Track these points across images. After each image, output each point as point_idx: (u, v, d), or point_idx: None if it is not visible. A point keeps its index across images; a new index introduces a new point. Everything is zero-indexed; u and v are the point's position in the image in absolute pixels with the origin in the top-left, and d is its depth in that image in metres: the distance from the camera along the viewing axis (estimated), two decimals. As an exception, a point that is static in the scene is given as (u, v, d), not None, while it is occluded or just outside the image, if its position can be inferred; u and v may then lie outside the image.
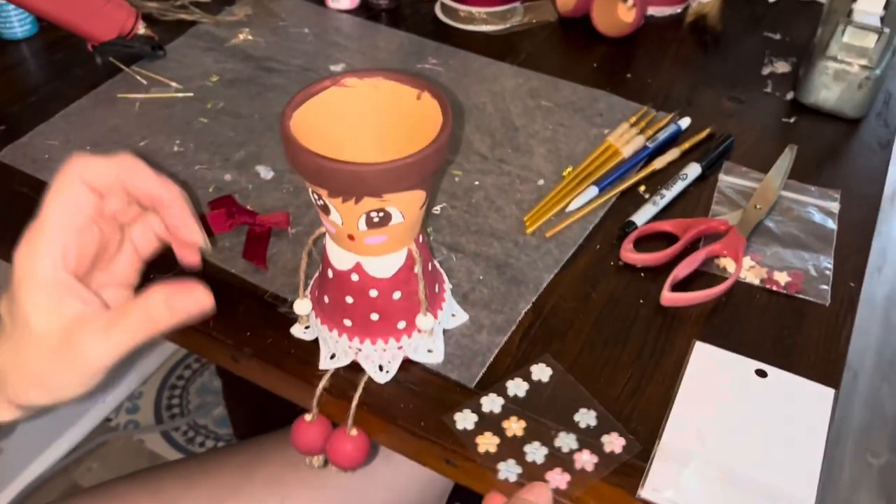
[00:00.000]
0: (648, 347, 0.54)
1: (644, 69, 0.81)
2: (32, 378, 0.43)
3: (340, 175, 0.41)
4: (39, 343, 0.42)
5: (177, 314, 0.42)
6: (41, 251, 0.42)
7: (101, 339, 0.42)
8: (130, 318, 0.42)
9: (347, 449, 0.50)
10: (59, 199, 0.43)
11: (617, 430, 0.49)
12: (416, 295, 0.50)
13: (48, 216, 0.43)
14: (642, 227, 0.61)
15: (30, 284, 0.42)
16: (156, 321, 0.42)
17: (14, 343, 0.43)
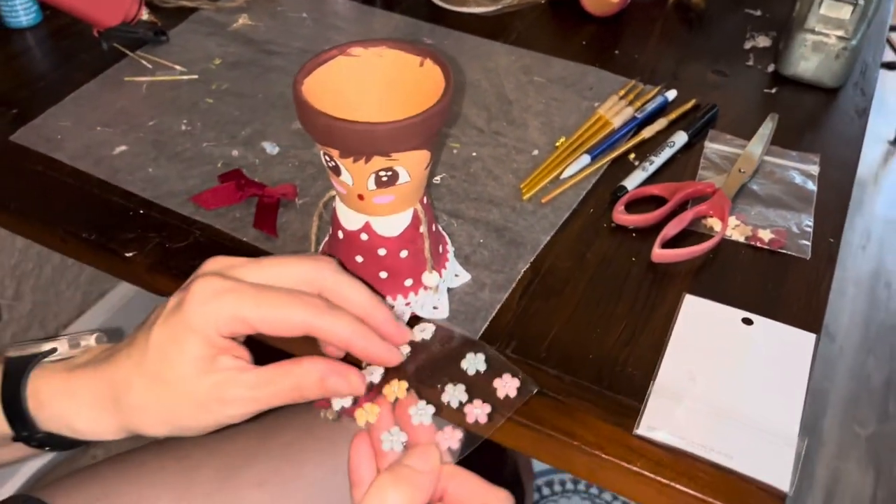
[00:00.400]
0: (640, 301, 0.57)
1: (631, 46, 0.84)
2: (165, 415, 0.44)
3: (351, 134, 0.44)
4: (184, 394, 0.44)
5: (327, 392, 0.45)
6: (223, 321, 0.43)
7: (246, 398, 0.44)
8: (281, 385, 0.44)
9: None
10: (276, 301, 0.43)
11: (509, 370, 0.48)
12: (422, 253, 0.53)
13: (256, 306, 0.43)
14: (633, 191, 0.65)
15: (198, 339, 0.43)
16: (304, 393, 0.44)
17: (154, 379, 0.44)
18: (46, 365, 0.49)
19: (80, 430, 0.47)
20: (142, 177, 0.66)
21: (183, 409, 0.45)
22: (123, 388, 0.45)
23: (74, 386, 0.47)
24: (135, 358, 0.45)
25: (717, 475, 0.47)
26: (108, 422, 0.46)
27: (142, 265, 0.59)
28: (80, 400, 0.46)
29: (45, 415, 0.47)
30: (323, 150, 0.47)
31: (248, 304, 0.43)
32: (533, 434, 0.49)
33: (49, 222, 0.62)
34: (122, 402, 0.45)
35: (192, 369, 0.43)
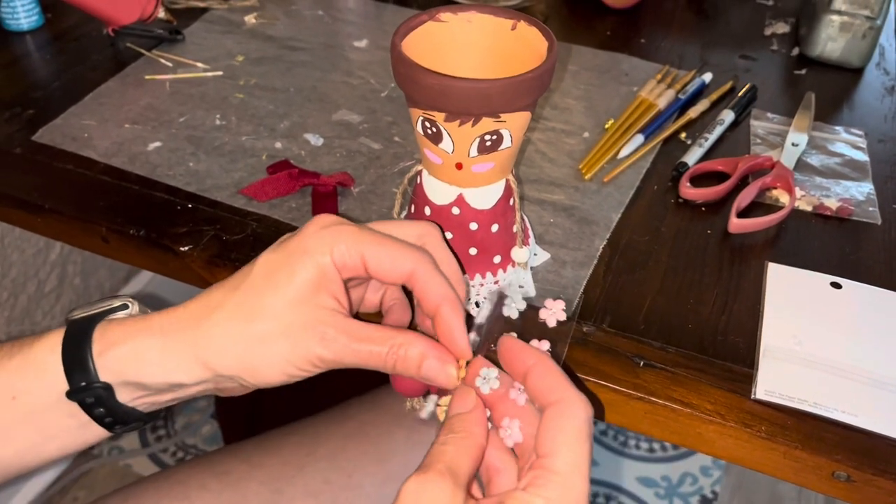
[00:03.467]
0: (725, 271, 0.56)
1: (655, 35, 0.84)
2: (246, 342, 0.41)
3: (465, 92, 0.42)
4: (282, 310, 0.40)
5: (422, 373, 0.41)
6: (337, 250, 0.41)
7: (341, 344, 0.40)
8: (380, 346, 0.41)
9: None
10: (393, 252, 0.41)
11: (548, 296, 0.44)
12: (512, 227, 0.51)
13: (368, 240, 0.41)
14: (693, 168, 0.64)
15: (311, 262, 0.40)
16: (399, 365, 0.41)
17: (250, 299, 0.41)
18: (116, 318, 0.44)
19: (148, 363, 0.42)
20: (183, 171, 0.62)
21: (270, 342, 0.40)
22: (209, 312, 0.41)
23: (152, 322, 0.42)
24: (233, 283, 0.42)
25: (844, 435, 0.45)
26: (181, 356, 0.41)
27: (199, 259, 0.56)
28: (153, 334, 0.42)
29: (110, 356, 0.42)
30: (423, 117, 0.45)
31: (366, 238, 0.41)
32: (648, 407, 0.47)
33: (89, 221, 0.58)
34: (203, 325, 0.41)
35: (296, 294, 0.40)
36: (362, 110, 0.70)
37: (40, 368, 0.43)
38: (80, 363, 0.42)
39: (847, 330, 0.51)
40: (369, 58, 0.78)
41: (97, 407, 0.43)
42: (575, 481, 0.35)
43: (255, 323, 0.40)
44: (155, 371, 0.42)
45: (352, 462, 0.69)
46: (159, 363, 0.42)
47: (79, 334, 0.43)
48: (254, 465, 0.68)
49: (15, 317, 1.28)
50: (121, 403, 0.44)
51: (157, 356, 0.42)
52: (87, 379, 0.42)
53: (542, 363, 0.38)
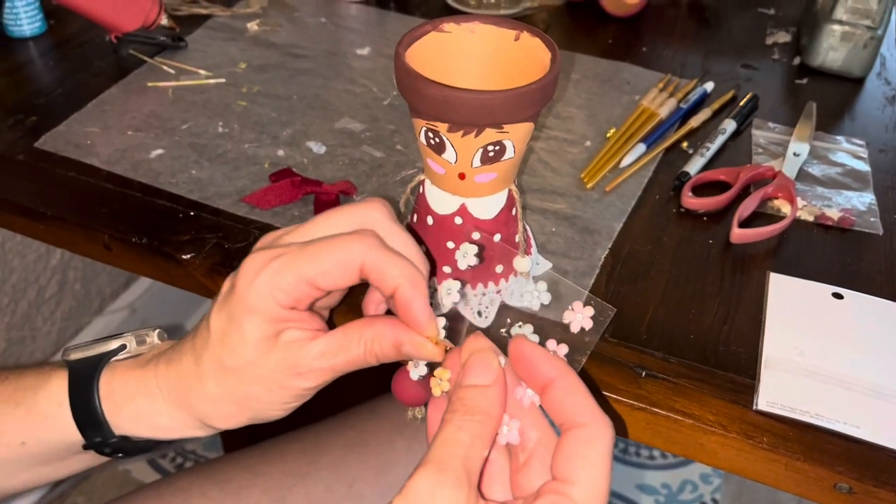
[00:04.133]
0: (727, 281, 0.56)
1: (656, 43, 0.84)
2: (238, 401, 0.42)
3: (468, 104, 0.42)
4: (254, 378, 0.41)
5: (403, 356, 0.41)
6: (280, 289, 0.39)
7: (318, 369, 0.40)
8: (354, 351, 0.40)
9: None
10: (327, 258, 0.39)
11: (577, 297, 0.40)
12: (514, 237, 0.51)
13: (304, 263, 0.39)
14: (695, 177, 0.64)
15: (258, 317, 0.39)
16: (380, 358, 0.41)
17: (220, 367, 0.41)
18: (117, 364, 0.45)
19: (161, 428, 0.44)
20: (185, 179, 0.62)
21: (256, 394, 0.41)
22: (194, 382, 0.42)
23: (150, 383, 0.44)
24: (198, 350, 0.42)
25: (846, 446, 0.45)
26: (186, 418, 0.44)
27: (201, 268, 0.56)
28: (157, 397, 0.43)
29: (122, 417, 0.44)
30: (426, 127, 0.45)
31: (301, 261, 0.38)
32: (650, 418, 0.47)
33: (92, 228, 0.58)
34: (193, 396, 0.43)
35: (255, 351, 0.40)
36: (365, 118, 0.70)
37: (50, 422, 0.44)
38: (93, 422, 0.44)
39: (849, 341, 0.51)
40: (371, 65, 0.78)
41: (114, 453, 0.46)
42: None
43: (236, 387, 0.41)
44: (167, 431, 0.44)
45: (353, 471, 0.69)
46: (170, 426, 0.44)
47: (84, 386, 0.44)
48: (255, 474, 0.68)
49: (15, 322, 1.28)
50: (136, 442, 0.46)
51: (167, 421, 0.44)
52: (103, 435, 0.44)
53: (566, 378, 0.35)
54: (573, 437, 0.34)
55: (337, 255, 0.39)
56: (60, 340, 1.40)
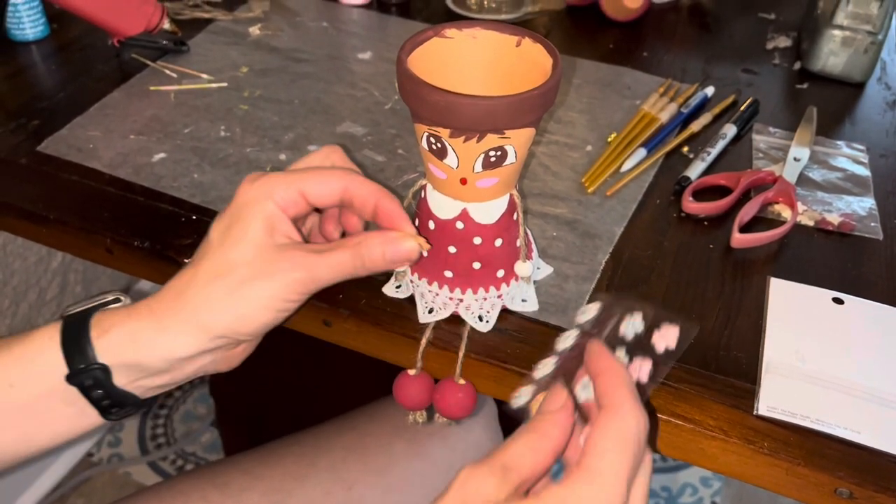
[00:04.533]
0: (728, 285, 0.56)
1: (657, 48, 0.85)
2: (231, 295, 0.43)
3: (470, 110, 0.42)
4: (248, 258, 0.43)
5: (389, 263, 0.46)
6: (275, 192, 0.45)
7: (309, 259, 0.44)
8: (340, 254, 0.44)
9: (459, 397, 0.51)
10: (320, 177, 0.46)
11: (666, 319, 0.42)
12: (516, 242, 0.51)
13: (295, 177, 0.45)
14: (696, 182, 0.64)
15: (256, 211, 0.44)
16: (366, 264, 0.45)
17: (218, 261, 0.44)
18: (110, 308, 0.47)
19: (146, 345, 0.44)
20: (187, 183, 0.63)
21: (248, 286, 0.43)
22: (188, 282, 0.44)
23: (140, 308, 0.45)
24: (195, 262, 0.45)
25: (847, 451, 0.45)
26: (173, 322, 0.44)
27: (203, 271, 0.56)
28: (144, 316, 0.45)
29: (108, 340, 0.45)
30: (428, 132, 0.45)
31: (294, 177, 0.45)
32: (651, 422, 0.47)
33: (94, 232, 0.58)
34: (187, 295, 0.44)
35: (254, 239, 0.44)
36: (366, 122, 0.71)
37: (39, 355, 0.45)
38: (79, 347, 0.44)
39: (849, 346, 0.51)
40: (373, 70, 0.78)
41: (95, 389, 0.45)
42: (612, 484, 0.35)
43: (231, 275, 0.43)
44: (153, 349, 0.44)
45: (352, 473, 0.69)
46: (156, 341, 0.44)
47: (77, 322, 0.45)
48: (255, 477, 0.68)
49: (16, 325, 1.28)
50: (117, 387, 0.45)
51: (153, 335, 0.44)
52: (86, 361, 0.44)
53: (616, 370, 0.39)
54: (601, 416, 0.37)
55: (325, 179, 0.46)
56: (61, 343, 1.40)
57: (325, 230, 0.51)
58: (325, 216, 0.51)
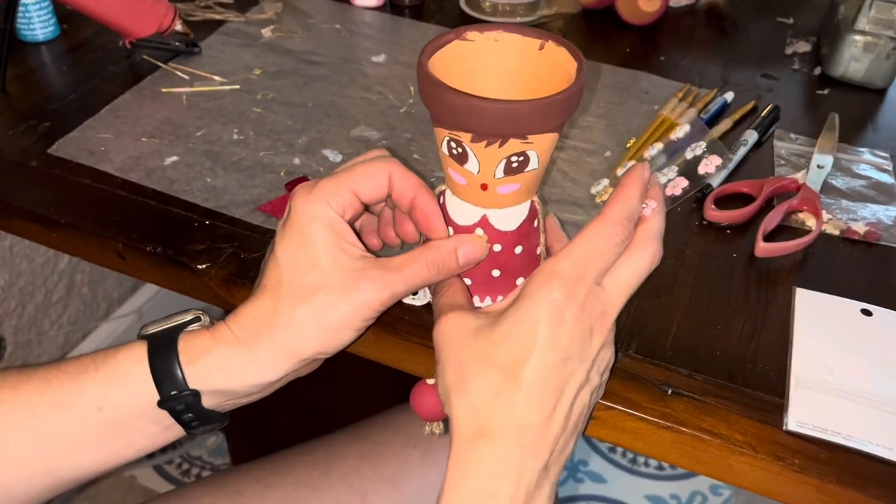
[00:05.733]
0: (753, 295, 0.55)
1: (675, 52, 0.83)
2: (316, 321, 0.43)
3: (493, 114, 0.41)
4: (327, 281, 0.43)
5: (462, 267, 0.46)
6: (331, 198, 0.44)
7: (388, 278, 0.44)
8: (415, 267, 0.44)
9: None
10: (364, 170, 0.45)
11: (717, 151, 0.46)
12: (536, 249, 0.50)
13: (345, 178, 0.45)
14: (718, 189, 0.63)
15: (319, 224, 0.43)
16: (440, 268, 0.45)
17: (296, 287, 0.43)
18: (193, 330, 0.46)
19: (236, 372, 0.44)
20: (200, 187, 0.62)
21: (332, 311, 0.43)
22: (272, 312, 0.44)
23: (225, 334, 0.45)
24: (270, 286, 0.44)
25: (880, 469, 0.44)
26: (262, 352, 0.44)
27: (217, 278, 0.55)
28: (232, 343, 0.44)
29: (197, 367, 0.44)
30: (449, 137, 0.44)
31: (343, 178, 0.45)
32: (676, 437, 0.46)
33: (105, 237, 0.57)
34: (274, 326, 0.43)
35: (326, 259, 0.43)
36: (381, 126, 0.69)
37: (128, 379, 0.45)
38: (169, 373, 0.44)
39: (879, 359, 0.50)
40: (387, 73, 0.77)
41: (185, 413, 0.45)
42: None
43: (314, 301, 0.43)
44: (244, 377, 0.44)
45: (366, 483, 0.68)
46: (247, 369, 0.44)
47: (164, 346, 0.45)
48: (267, 486, 0.67)
49: (22, 326, 1.27)
50: (206, 408, 0.45)
51: (244, 363, 0.44)
52: (177, 388, 0.44)
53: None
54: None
55: (372, 171, 0.45)
56: (67, 345, 1.39)
57: (385, 235, 0.51)
58: (382, 221, 0.50)
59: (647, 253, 0.44)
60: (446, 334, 0.43)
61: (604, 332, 0.42)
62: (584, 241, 0.42)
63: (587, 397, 0.42)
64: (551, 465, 0.40)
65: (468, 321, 0.43)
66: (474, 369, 0.40)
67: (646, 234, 0.44)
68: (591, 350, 0.41)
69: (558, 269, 0.41)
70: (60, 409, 0.44)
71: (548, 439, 0.40)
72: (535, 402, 0.39)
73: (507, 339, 0.40)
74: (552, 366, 0.39)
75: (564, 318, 0.40)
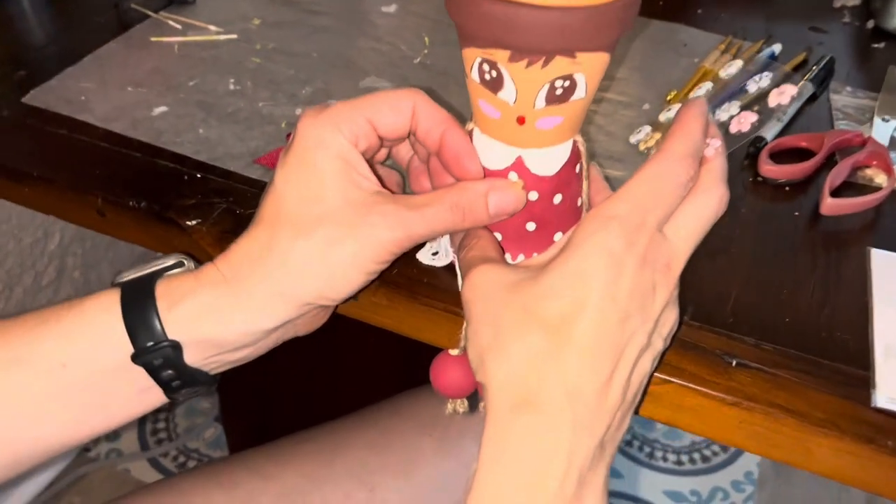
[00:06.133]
0: (821, 257, 0.48)
1: (712, 5, 0.77)
2: (317, 260, 0.36)
3: (538, 23, 0.34)
4: (333, 215, 0.36)
5: (493, 217, 0.39)
6: (343, 122, 0.38)
7: (404, 215, 0.37)
8: (438, 207, 0.37)
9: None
10: (383, 98, 0.39)
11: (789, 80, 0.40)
12: (577, 199, 0.43)
13: (361, 102, 0.38)
14: (772, 144, 0.56)
15: (327, 150, 0.37)
16: (467, 218, 0.38)
17: (297, 219, 0.37)
18: (175, 273, 0.39)
19: (225, 319, 0.37)
20: (191, 139, 0.55)
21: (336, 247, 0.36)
22: (266, 246, 0.37)
23: (212, 274, 0.38)
24: (268, 218, 0.38)
25: None
26: (254, 292, 0.37)
27: (208, 235, 0.48)
28: (219, 284, 0.38)
29: (178, 314, 0.37)
30: (481, 58, 0.37)
31: (360, 104, 0.38)
32: (744, 415, 0.39)
33: (83, 191, 0.51)
34: (268, 262, 0.37)
35: (334, 190, 0.37)
36: (393, 77, 0.63)
37: (96, 329, 0.38)
38: (145, 321, 0.37)
39: (976, 327, 0.43)
40: (399, 23, 0.70)
41: (165, 369, 0.38)
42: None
43: (315, 235, 0.36)
44: (233, 323, 0.37)
45: (374, 475, 0.61)
46: (237, 314, 0.37)
47: (138, 292, 0.38)
48: (265, 478, 0.60)
49: (9, 310, 1.20)
50: (189, 365, 0.38)
51: (232, 307, 0.37)
52: (154, 338, 0.37)
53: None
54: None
55: (393, 99, 0.39)
56: (59, 332, 1.33)
57: (417, 184, 0.44)
58: (412, 173, 0.44)
59: (713, 197, 0.37)
60: (480, 288, 0.36)
61: (669, 287, 0.35)
62: (645, 181, 0.35)
63: (648, 364, 0.35)
64: (607, 442, 0.33)
65: (505, 274, 0.36)
66: (515, 328, 0.34)
67: (710, 176, 0.37)
68: (654, 308, 0.34)
69: (616, 211, 0.34)
70: (15, 365, 0.37)
71: (604, 411, 0.33)
72: (588, 367, 0.32)
73: (554, 293, 0.33)
74: (610, 324, 0.33)
75: (624, 270, 0.33)
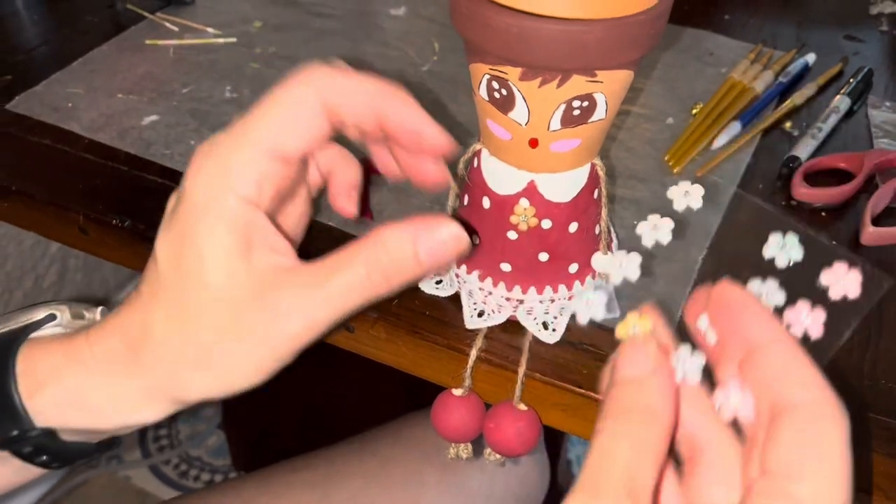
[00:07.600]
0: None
1: (740, 11, 0.72)
2: (199, 356, 0.30)
3: (552, 39, 0.30)
4: (216, 304, 0.29)
5: (427, 268, 0.30)
6: (235, 173, 0.29)
7: (304, 299, 0.29)
8: (349, 273, 0.29)
9: (519, 427, 0.39)
10: (280, 110, 0.30)
11: (843, 258, 0.29)
12: (594, 227, 0.39)
13: (254, 130, 0.30)
14: (806, 164, 0.52)
15: (213, 220, 0.29)
16: (391, 279, 0.30)
17: (175, 305, 0.30)
18: (41, 338, 0.34)
19: (95, 409, 0.32)
20: (182, 150, 0.51)
21: (217, 335, 0.29)
22: (141, 333, 0.31)
23: (82, 352, 0.32)
24: (146, 295, 0.31)
25: None
26: (132, 387, 0.31)
27: (194, 258, 0.44)
28: (90, 367, 0.31)
29: (44, 400, 0.32)
30: (490, 74, 0.33)
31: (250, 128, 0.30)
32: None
33: (64, 207, 0.47)
34: (143, 352, 0.31)
35: (219, 275, 0.29)
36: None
37: None
38: (8, 409, 0.31)
39: None
40: (407, 27, 0.66)
41: (38, 455, 0.33)
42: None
43: (196, 332, 0.30)
44: (108, 417, 0.32)
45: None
46: (111, 408, 0.31)
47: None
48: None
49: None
50: (67, 443, 0.33)
51: (105, 399, 0.31)
52: (20, 427, 0.31)
53: (784, 343, 0.24)
54: (791, 419, 0.23)
55: (290, 106, 0.30)
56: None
57: (336, 204, 0.37)
58: (333, 185, 0.36)
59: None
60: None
61: None
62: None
63: None
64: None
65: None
66: None
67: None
68: None
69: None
70: None
71: None
72: None
73: None
74: None
75: None
